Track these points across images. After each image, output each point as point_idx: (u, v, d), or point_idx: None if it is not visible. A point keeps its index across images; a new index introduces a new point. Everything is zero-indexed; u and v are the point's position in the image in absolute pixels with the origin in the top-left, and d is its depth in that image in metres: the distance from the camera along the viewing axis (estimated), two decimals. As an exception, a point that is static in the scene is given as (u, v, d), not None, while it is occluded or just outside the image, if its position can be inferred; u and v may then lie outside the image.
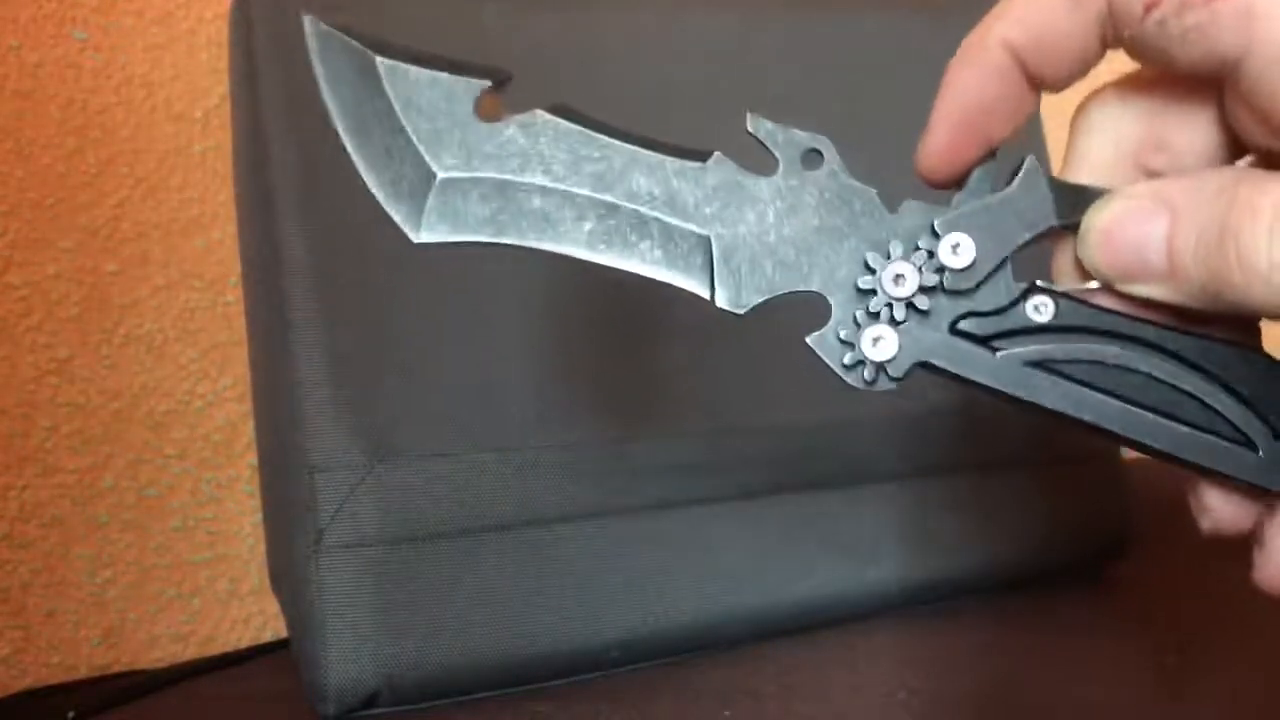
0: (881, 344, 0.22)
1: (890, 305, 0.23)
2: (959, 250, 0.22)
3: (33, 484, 0.51)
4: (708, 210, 0.23)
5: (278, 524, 0.44)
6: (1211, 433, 0.22)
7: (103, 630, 0.52)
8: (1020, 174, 0.23)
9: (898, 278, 0.22)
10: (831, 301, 0.23)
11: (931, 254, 0.22)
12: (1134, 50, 0.22)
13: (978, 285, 0.22)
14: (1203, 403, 0.22)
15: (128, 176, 0.52)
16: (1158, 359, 0.22)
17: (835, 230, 0.23)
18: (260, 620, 0.55)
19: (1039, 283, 0.23)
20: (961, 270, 0.22)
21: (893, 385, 0.23)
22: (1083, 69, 0.23)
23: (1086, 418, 0.22)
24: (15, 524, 0.50)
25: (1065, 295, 0.23)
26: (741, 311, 0.23)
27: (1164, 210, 0.21)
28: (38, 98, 0.50)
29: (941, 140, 0.23)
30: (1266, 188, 0.19)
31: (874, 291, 0.23)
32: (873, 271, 0.23)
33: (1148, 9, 0.21)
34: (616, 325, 0.44)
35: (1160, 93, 0.23)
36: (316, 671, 0.39)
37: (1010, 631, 0.46)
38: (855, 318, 0.23)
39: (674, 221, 0.23)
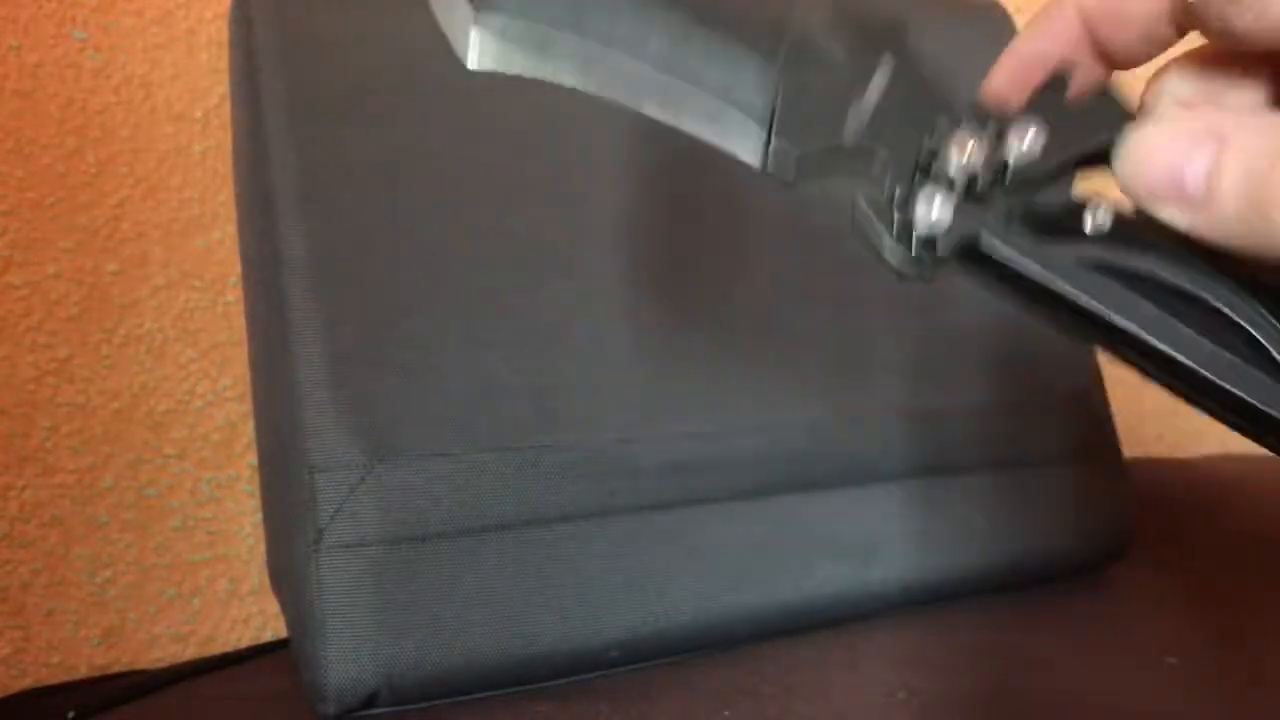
0: (938, 210, 0.21)
1: (951, 175, 0.21)
2: (1031, 138, 0.21)
3: (33, 484, 0.51)
4: (780, 53, 0.22)
5: (278, 524, 0.44)
6: (1259, 367, 0.20)
7: (103, 630, 0.52)
8: (1097, 92, 0.22)
9: (964, 147, 0.21)
10: (891, 163, 0.21)
11: (1001, 134, 0.21)
12: (1196, 19, 0.21)
13: (1041, 182, 0.21)
14: (1255, 340, 0.20)
15: (128, 176, 0.52)
16: (1220, 287, 0.20)
17: (906, 99, 0.22)
18: (260, 620, 0.55)
19: (1093, 199, 0.21)
20: (1029, 162, 0.21)
21: (932, 271, 0.21)
22: (1152, 48, 0.23)
23: (1125, 324, 0.20)
24: (15, 524, 0.50)
25: (1128, 213, 0.21)
26: (792, 171, 0.21)
27: (1212, 137, 0.20)
28: (38, 98, 0.50)
29: (1003, 80, 0.23)
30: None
31: (936, 155, 0.21)
32: (939, 136, 0.21)
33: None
34: (616, 325, 0.44)
35: (1221, 67, 0.23)
36: (316, 671, 0.39)
37: (1010, 631, 0.46)
38: (914, 179, 0.21)
39: (743, 54, 0.22)
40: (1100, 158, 0.21)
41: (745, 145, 0.22)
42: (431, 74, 0.43)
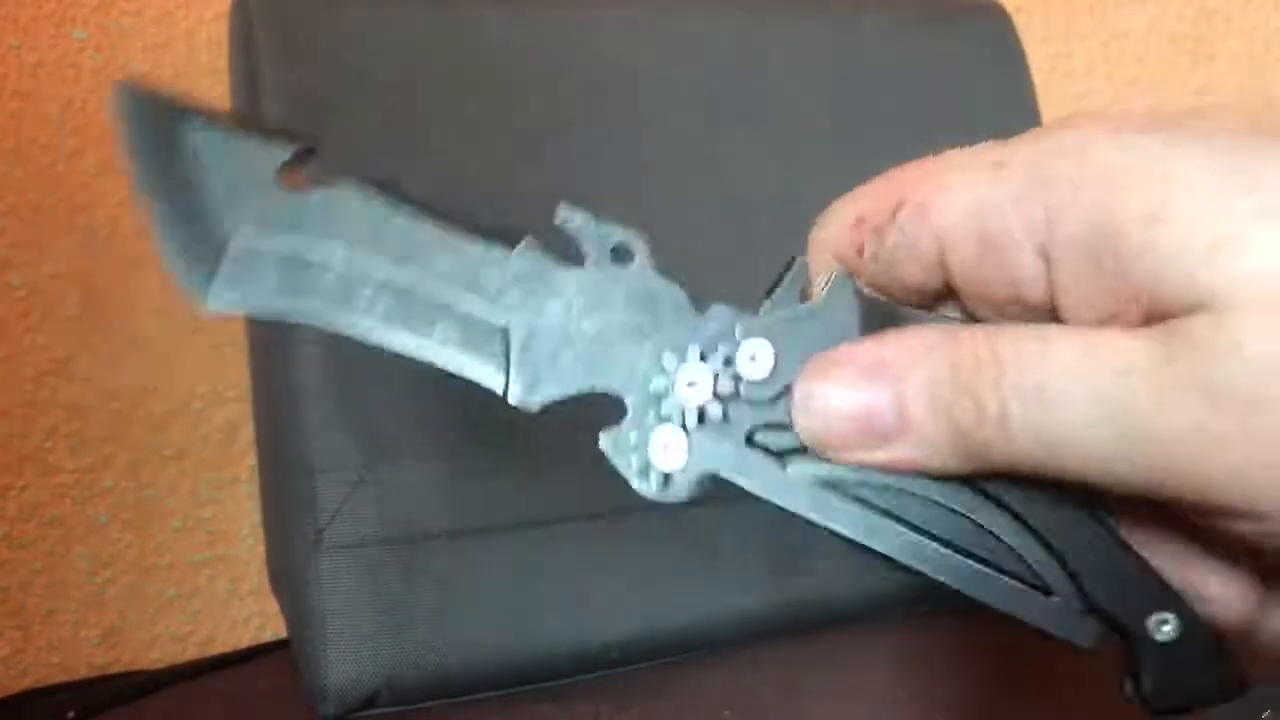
0: (670, 451, 0.21)
1: (683, 410, 0.21)
2: (756, 359, 0.21)
3: (33, 484, 0.51)
4: (510, 299, 0.22)
5: (277, 524, 0.44)
6: (1015, 577, 0.21)
7: (103, 630, 0.52)
8: (828, 285, 0.21)
9: (691, 383, 0.21)
10: (628, 403, 0.22)
11: (729, 360, 0.21)
12: (877, 285, 0.21)
13: (776, 396, 0.21)
14: (1007, 545, 0.21)
15: (128, 177, 0.52)
16: (964, 493, 0.21)
17: (638, 329, 0.22)
18: (260, 620, 0.55)
19: None
20: (758, 381, 0.21)
21: (684, 496, 0.21)
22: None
23: (876, 547, 0.21)
24: (15, 524, 0.50)
25: None
26: (535, 409, 0.23)
27: (880, 370, 0.19)
28: (37, 98, 0.50)
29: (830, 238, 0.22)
30: (988, 339, 0.18)
31: (667, 394, 0.21)
32: (667, 373, 0.21)
33: (859, 251, 0.21)
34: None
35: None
36: (316, 671, 0.39)
37: (1011, 632, 0.46)
38: (647, 421, 0.21)
39: (473, 308, 0.23)
40: None
41: (487, 379, 0.23)
42: (431, 74, 0.43)
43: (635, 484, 0.22)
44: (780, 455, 0.21)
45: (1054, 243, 0.18)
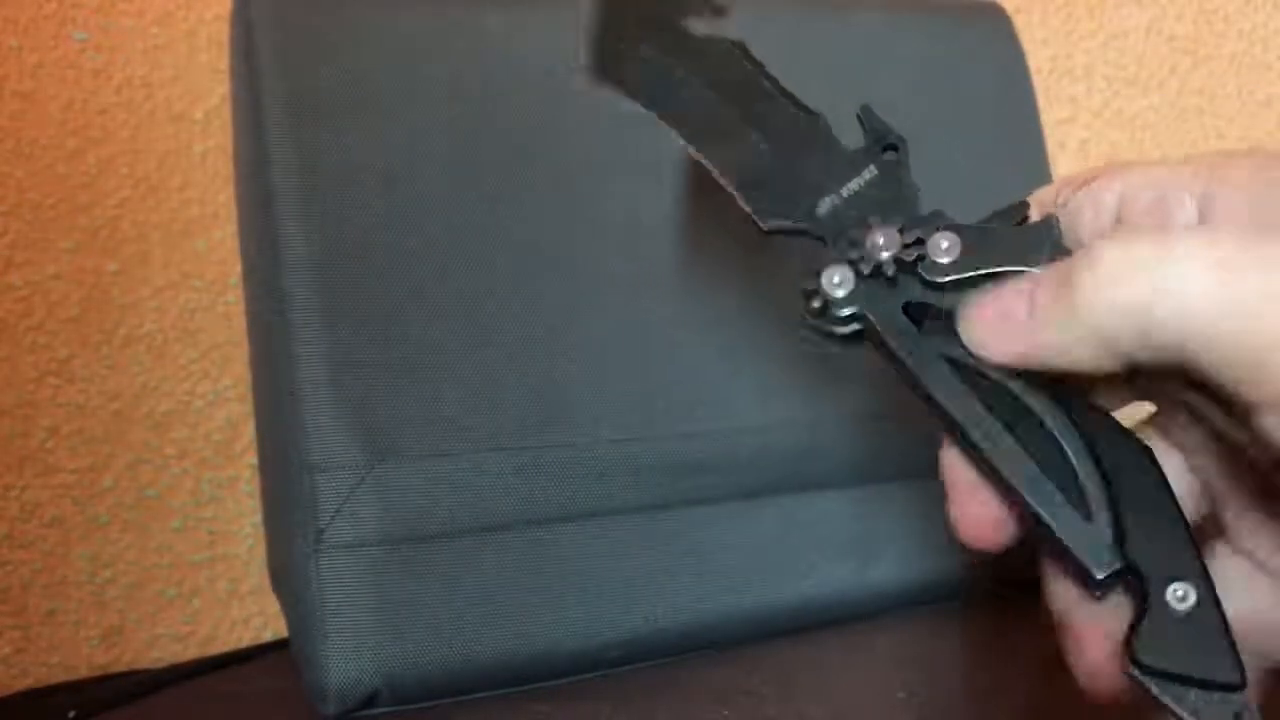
0: (839, 284, 0.24)
1: (864, 258, 0.24)
2: (945, 247, 0.24)
3: (33, 484, 0.51)
4: (791, 147, 0.27)
5: (278, 524, 0.44)
6: (1063, 491, 0.22)
7: (103, 630, 0.52)
8: (1032, 220, 0.25)
9: (882, 241, 0.24)
10: (830, 245, 0.25)
11: (922, 241, 0.24)
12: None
13: (945, 285, 0.24)
14: (1071, 461, 0.23)
15: (128, 177, 0.52)
16: (1051, 408, 0.23)
17: (873, 202, 0.26)
18: (260, 620, 0.55)
19: None
20: (935, 263, 0.24)
21: (833, 326, 0.24)
22: None
23: (958, 416, 0.23)
24: (16, 524, 0.50)
25: None
26: (765, 227, 0.26)
27: (1024, 288, 0.23)
28: (38, 98, 0.50)
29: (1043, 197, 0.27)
30: (1109, 242, 0.21)
31: (860, 244, 0.25)
32: (870, 228, 0.25)
33: (1057, 197, 0.25)
34: (617, 324, 0.44)
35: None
36: (317, 671, 0.39)
37: (1010, 631, 0.46)
38: (833, 255, 0.25)
39: (762, 144, 0.27)
40: (1010, 275, 0.24)
41: (741, 196, 0.27)
42: (431, 74, 0.43)
43: (801, 306, 0.25)
44: (920, 325, 0.24)
45: (1218, 189, 0.22)
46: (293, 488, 0.40)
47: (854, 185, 0.26)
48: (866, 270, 0.24)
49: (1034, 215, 0.25)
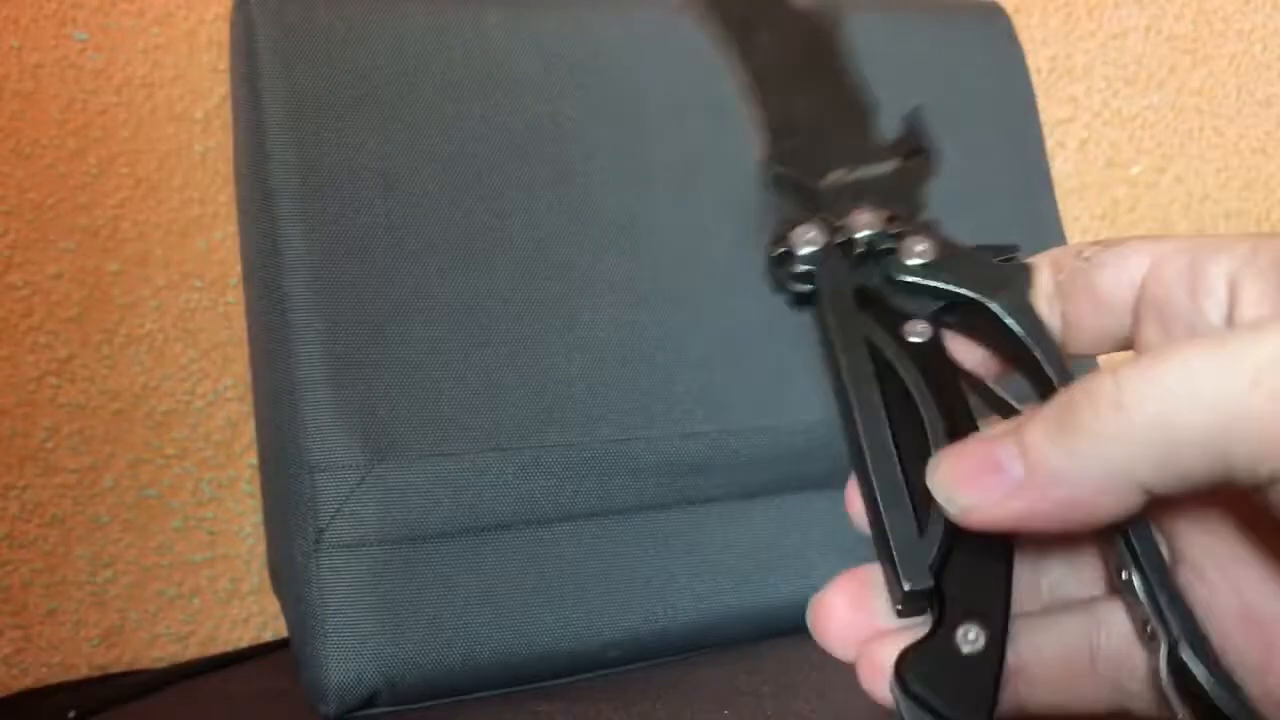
0: (808, 243, 0.25)
1: (841, 229, 0.25)
2: (918, 251, 0.24)
3: (33, 484, 0.51)
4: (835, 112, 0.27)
5: (278, 524, 0.44)
6: (913, 502, 0.22)
7: (103, 630, 0.52)
8: (1013, 261, 0.24)
9: (866, 220, 0.24)
10: (819, 203, 0.26)
11: (902, 236, 0.24)
12: (1065, 291, 0.24)
13: (904, 285, 0.24)
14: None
15: (128, 177, 0.52)
16: (939, 429, 0.23)
17: (878, 191, 0.26)
18: (260, 620, 0.55)
19: (931, 323, 0.24)
20: (902, 262, 0.24)
21: (783, 280, 0.25)
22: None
23: (854, 401, 0.23)
24: (16, 523, 0.50)
25: (938, 338, 0.24)
26: (771, 169, 0.27)
27: (1005, 434, 0.20)
28: (38, 98, 0.50)
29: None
30: (1093, 380, 0.19)
31: (844, 215, 0.25)
32: (858, 205, 0.25)
33: (1078, 253, 0.24)
34: (617, 324, 0.44)
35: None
36: (316, 671, 0.39)
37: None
38: (817, 217, 0.25)
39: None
40: (967, 306, 0.24)
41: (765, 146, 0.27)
42: (431, 74, 0.43)
43: (767, 246, 0.25)
44: (860, 310, 0.24)
45: (1252, 269, 0.20)
46: (293, 487, 0.40)
47: (869, 171, 0.26)
48: (838, 240, 0.24)
49: (1036, 275, 0.24)
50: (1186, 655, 0.20)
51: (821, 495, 0.46)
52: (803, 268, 0.24)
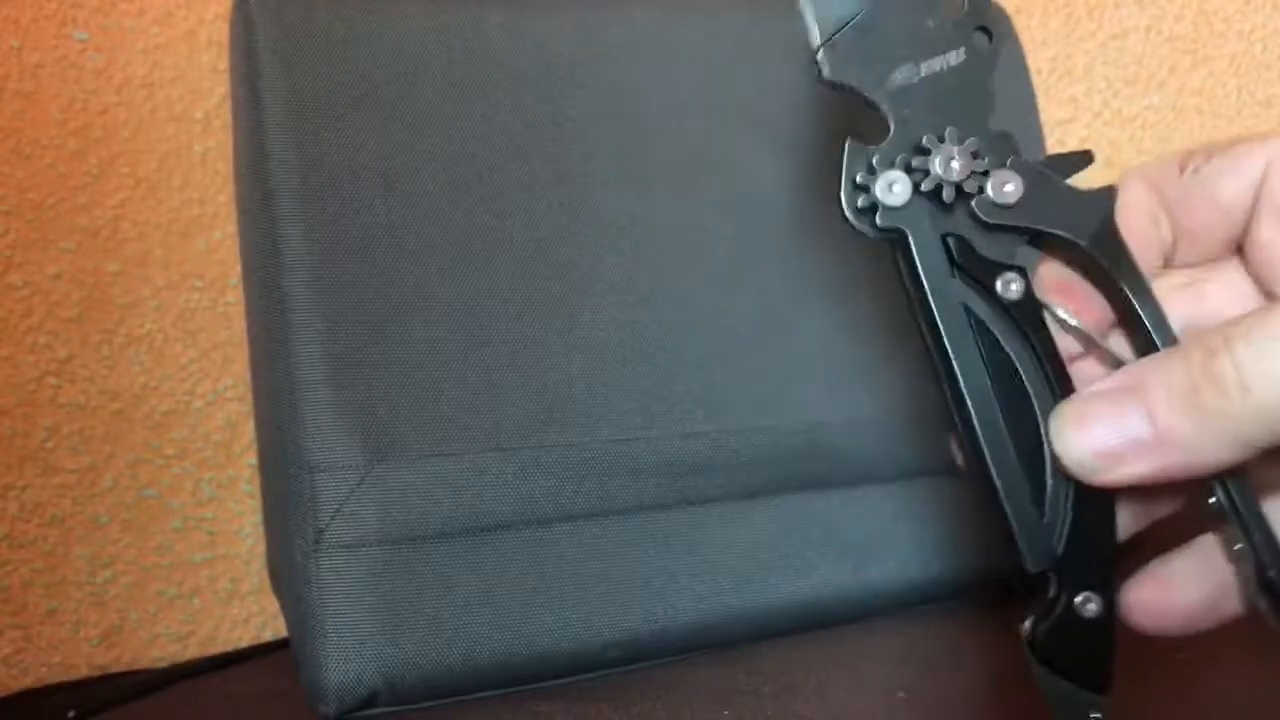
0: (891, 191, 0.23)
1: (927, 173, 0.23)
2: (1007, 188, 0.23)
3: (33, 484, 0.51)
4: (894, 14, 0.24)
5: (278, 524, 0.44)
6: (1029, 475, 0.23)
7: (103, 630, 0.52)
8: (1096, 191, 0.24)
9: (951, 161, 0.23)
10: (893, 132, 0.24)
11: (987, 173, 0.23)
12: (1179, 206, 0.24)
13: (993, 227, 0.23)
14: (1044, 463, 0.23)
15: (128, 177, 0.52)
16: (1047, 400, 0.23)
17: (952, 95, 0.24)
18: (260, 620, 0.55)
19: (1028, 271, 0.24)
20: (993, 203, 0.23)
21: (868, 229, 0.23)
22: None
23: (957, 369, 0.23)
24: (16, 523, 0.50)
25: (1031, 290, 0.24)
26: (825, 76, 0.24)
27: (1128, 392, 0.21)
28: (38, 98, 0.50)
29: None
30: (1213, 335, 0.20)
31: (928, 153, 0.23)
32: (942, 141, 0.23)
33: (1181, 167, 0.24)
34: (617, 324, 0.44)
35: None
36: (316, 671, 0.39)
37: (1010, 632, 0.46)
38: (898, 160, 0.23)
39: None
40: (1055, 239, 0.24)
41: (812, 27, 0.24)
42: (432, 74, 0.43)
43: (845, 192, 0.23)
44: (952, 262, 0.23)
45: None
46: (292, 488, 0.40)
47: (936, 64, 0.24)
48: (926, 187, 0.23)
49: (1132, 193, 0.25)
50: (1274, 572, 0.22)
51: (821, 495, 0.46)
52: (889, 222, 0.23)
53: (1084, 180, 0.25)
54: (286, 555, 0.41)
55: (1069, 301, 0.24)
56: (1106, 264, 0.24)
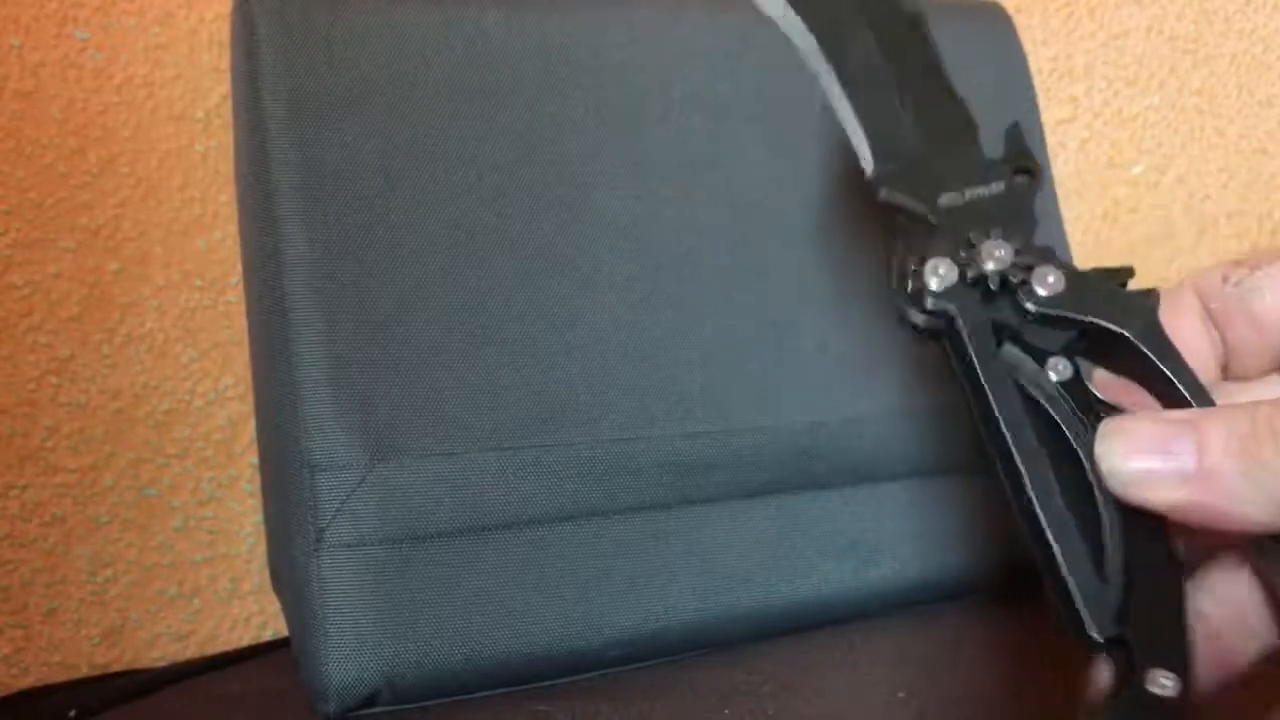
0: (943, 278, 0.24)
1: (972, 263, 0.25)
2: (1050, 282, 0.24)
3: (34, 483, 0.51)
4: (935, 129, 0.27)
5: (278, 523, 0.44)
6: (1089, 546, 0.22)
7: (103, 629, 0.52)
8: (1139, 292, 0.24)
9: (997, 254, 0.24)
10: (941, 235, 0.25)
11: (1031, 267, 0.24)
12: (1221, 318, 0.25)
13: (1039, 318, 0.24)
14: (1103, 516, 0.22)
15: (129, 176, 0.52)
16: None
17: (994, 212, 0.26)
18: (261, 619, 0.55)
19: (1067, 357, 0.24)
20: (1037, 294, 0.24)
21: (917, 317, 0.25)
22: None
23: (1010, 441, 0.23)
24: (16, 523, 0.50)
25: (1080, 373, 0.24)
26: (882, 196, 0.26)
27: (1184, 424, 0.21)
28: (39, 98, 0.50)
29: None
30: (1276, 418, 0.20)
31: (974, 247, 0.25)
32: (988, 236, 0.25)
33: (1225, 279, 0.24)
34: (617, 324, 0.44)
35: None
36: (317, 670, 0.39)
37: (1010, 631, 0.46)
38: (944, 250, 0.25)
39: (905, 121, 0.27)
40: (1099, 334, 0.24)
41: (864, 149, 0.27)
42: (432, 73, 0.43)
43: (894, 279, 0.25)
44: (998, 350, 0.24)
45: None
46: (293, 487, 0.40)
47: (979, 192, 0.26)
48: (971, 275, 0.24)
49: (1183, 300, 0.25)
50: None
51: (822, 495, 0.46)
52: (937, 305, 0.24)
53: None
54: (287, 554, 0.41)
55: (1121, 397, 0.24)
56: (1155, 356, 0.24)
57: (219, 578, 0.54)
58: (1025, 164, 0.26)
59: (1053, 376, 0.24)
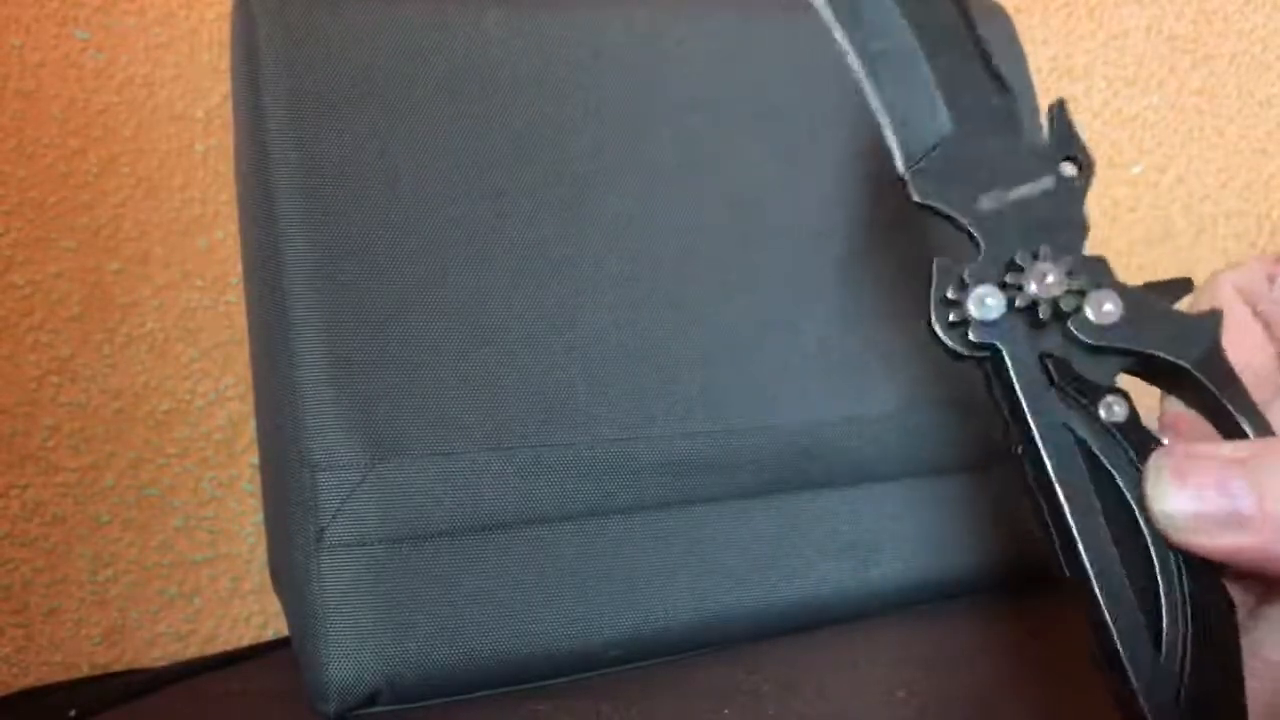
0: (990, 309, 0.22)
1: (1020, 290, 0.22)
2: (1105, 308, 0.22)
3: (34, 483, 0.51)
4: (981, 132, 0.24)
5: (279, 523, 0.44)
6: (1144, 611, 0.21)
7: (104, 629, 0.52)
8: (1199, 315, 0.23)
9: (1047, 279, 0.22)
10: (984, 249, 0.23)
11: (1084, 292, 0.23)
12: (1273, 320, 0.23)
13: (1093, 348, 0.22)
14: (1157, 594, 0.21)
15: (129, 176, 0.52)
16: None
17: (1040, 218, 0.23)
18: (261, 619, 0.55)
19: (1124, 398, 0.22)
20: (1091, 323, 0.22)
21: (960, 349, 0.23)
22: None
23: (1064, 506, 0.21)
24: (17, 523, 0.50)
25: (1136, 414, 0.22)
26: (914, 198, 0.24)
27: (1234, 463, 0.20)
28: (40, 97, 0.51)
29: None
30: None
31: (1021, 269, 0.23)
32: (1035, 258, 0.23)
33: (1271, 279, 0.23)
34: (617, 324, 0.44)
35: None
36: (317, 670, 0.39)
37: (1010, 631, 0.46)
38: (990, 276, 0.23)
39: (944, 117, 0.24)
40: (1158, 363, 0.22)
41: (897, 150, 0.24)
42: (432, 73, 0.43)
43: (933, 310, 0.23)
44: (1057, 388, 0.22)
45: None
46: (294, 486, 0.40)
47: (1025, 191, 0.24)
48: (1020, 304, 0.22)
49: (1213, 297, 0.24)
50: None
51: (822, 495, 0.46)
52: (983, 338, 0.22)
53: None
54: (288, 554, 0.41)
55: (1179, 434, 0.23)
56: (1215, 388, 0.22)
57: (219, 577, 0.54)
58: (1072, 151, 0.24)
59: (1108, 418, 0.22)
